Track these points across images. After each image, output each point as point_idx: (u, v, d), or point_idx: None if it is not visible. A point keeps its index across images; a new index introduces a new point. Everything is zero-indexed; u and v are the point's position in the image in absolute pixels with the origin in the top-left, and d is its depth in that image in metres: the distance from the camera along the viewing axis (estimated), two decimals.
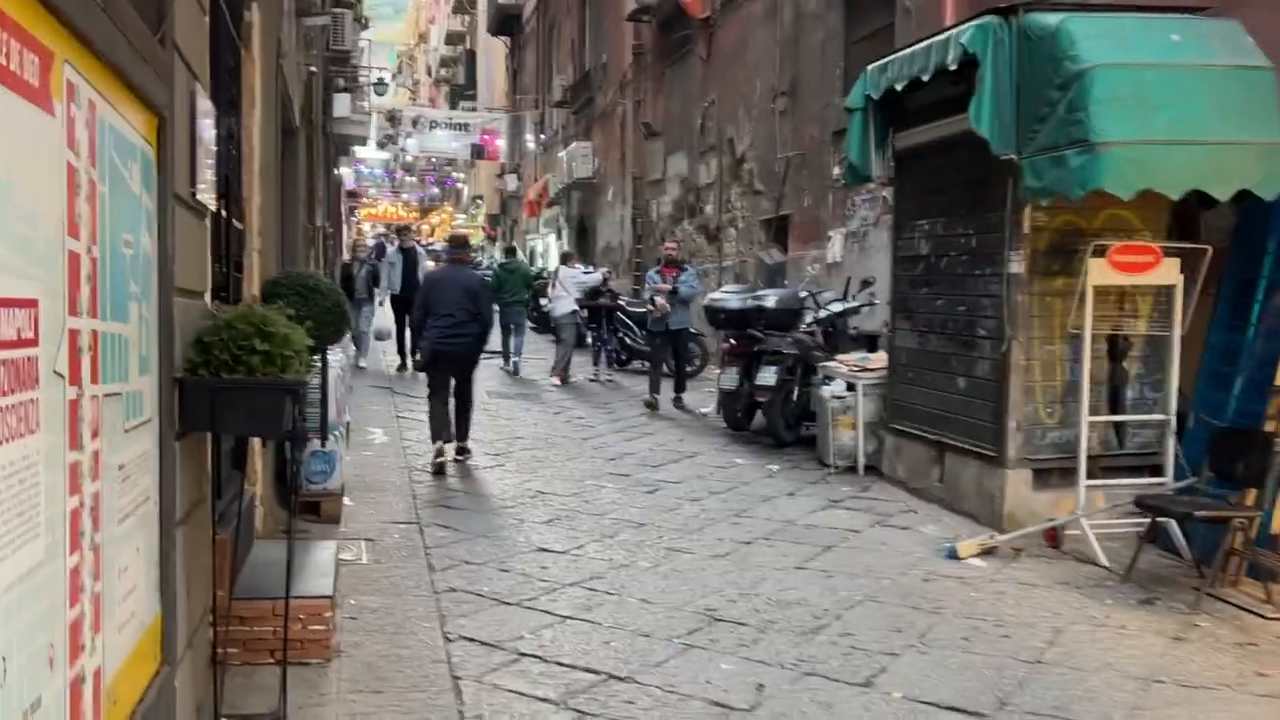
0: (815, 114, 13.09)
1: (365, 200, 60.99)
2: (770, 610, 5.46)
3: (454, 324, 9.00)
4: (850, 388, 8.92)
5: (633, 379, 14.71)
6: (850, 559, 6.45)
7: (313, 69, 10.74)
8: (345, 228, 43.14)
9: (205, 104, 3.83)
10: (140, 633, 2.85)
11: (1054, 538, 6.70)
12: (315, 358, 4.05)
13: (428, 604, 5.30)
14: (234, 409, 3.36)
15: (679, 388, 12.59)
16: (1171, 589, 5.92)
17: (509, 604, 5.43)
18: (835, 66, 12.58)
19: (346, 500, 7.21)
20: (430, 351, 9.12)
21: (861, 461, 8.83)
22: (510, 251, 19.91)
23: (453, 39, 55.86)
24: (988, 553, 6.58)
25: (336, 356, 7.40)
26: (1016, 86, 6.60)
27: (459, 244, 10.58)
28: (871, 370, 8.85)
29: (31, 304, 1.94)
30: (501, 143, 34.56)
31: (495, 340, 12.06)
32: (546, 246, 32.23)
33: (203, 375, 3.37)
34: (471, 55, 51.53)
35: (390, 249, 16.14)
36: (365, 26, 35.57)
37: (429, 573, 5.83)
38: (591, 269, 20.09)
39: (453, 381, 9.17)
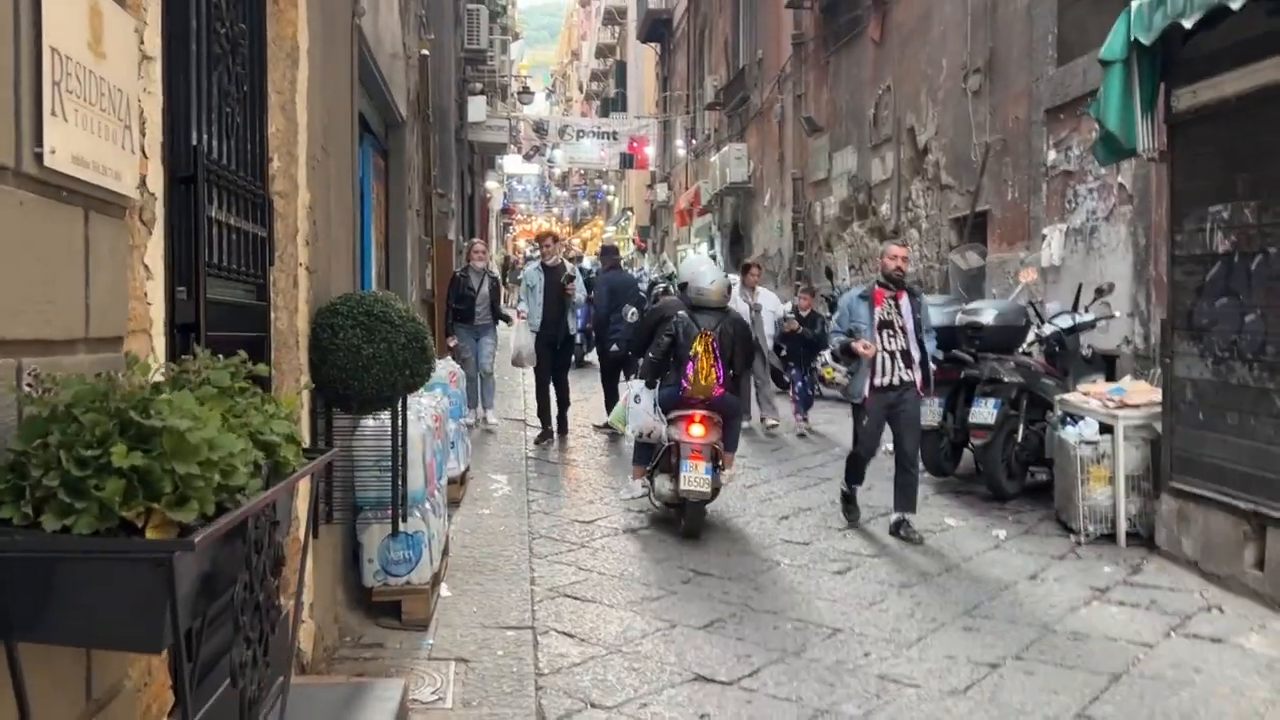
0: (1020, 91, 10.87)
1: (519, 217, 60.66)
2: None
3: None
4: (1105, 429, 6.77)
5: (820, 414, 12.02)
6: (1156, 699, 4.37)
7: (425, 52, 9.19)
8: (497, 244, 42.20)
9: None
10: None
11: None
12: (299, 458, 2.28)
13: None
14: (58, 600, 1.63)
15: (903, 505, 7.11)
16: None
17: None
18: (1047, 33, 10.35)
19: (444, 589, 5.51)
20: (625, 343, 10.16)
21: (1123, 528, 6.66)
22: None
23: (603, 52, 55.02)
24: None
25: (432, 403, 5.71)
26: None
27: (614, 251, 12.57)
28: (1134, 406, 6.68)
29: None
30: (651, 150, 33.04)
31: None
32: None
33: (10, 519, 1.65)
34: (621, 66, 50.53)
35: (529, 267, 11.85)
36: (515, 38, 34.69)
37: None
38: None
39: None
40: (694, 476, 6.80)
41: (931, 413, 8.40)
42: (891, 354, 6.99)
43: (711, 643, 5.04)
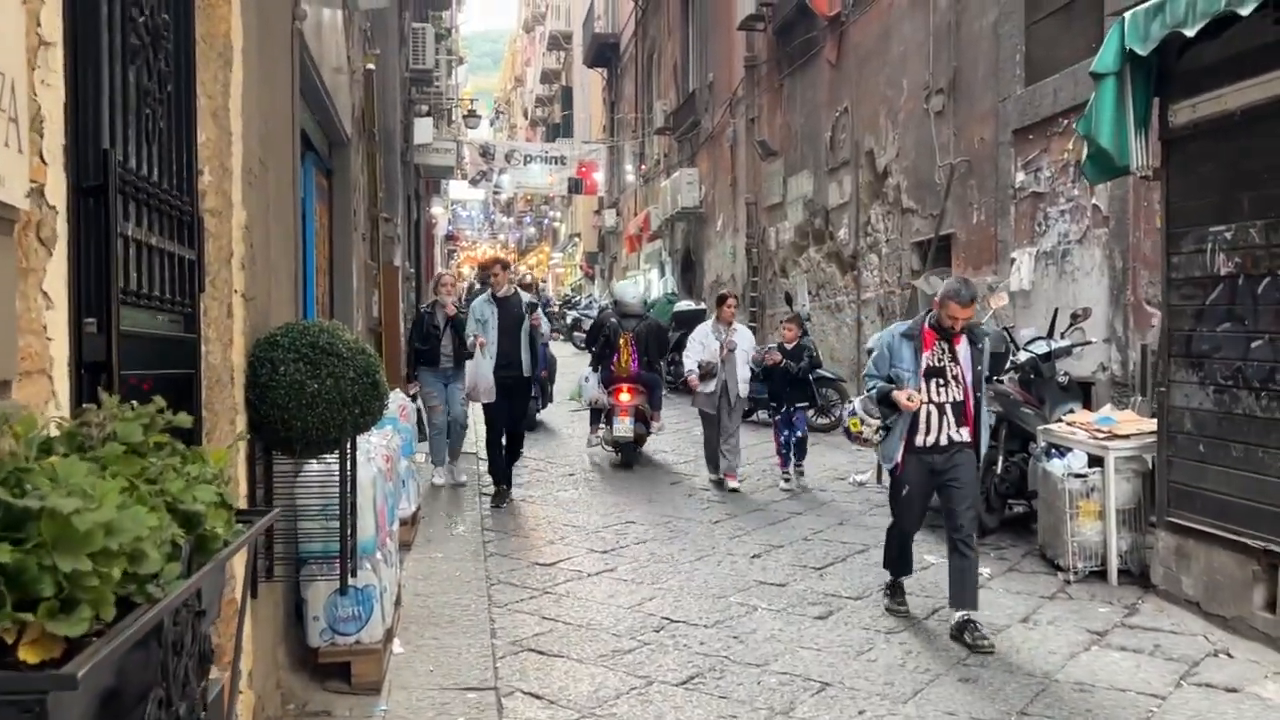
0: (986, 111, 10.66)
1: (464, 244, 60.02)
2: None
3: None
4: (1094, 461, 6.46)
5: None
6: None
7: (370, 66, 8.74)
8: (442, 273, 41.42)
9: None
10: None
11: None
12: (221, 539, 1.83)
13: None
14: None
15: (963, 600, 5.55)
16: None
17: None
18: (1014, 52, 10.13)
19: (397, 645, 5.02)
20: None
21: (1114, 565, 6.35)
22: (674, 296, 21.48)
23: (548, 77, 54.68)
24: None
25: (382, 441, 5.24)
26: None
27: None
28: (1124, 437, 6.38)
29: None
30: (600, 176, 32.71)
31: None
32: (648, 283, 30.01)
33: None
34: (567, 92, 50.24)
35: (479, 299, 9.60)
36: (461, 61, 34.31)
37: None
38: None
39: None
40: (622, 426, 10.37)
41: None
42: (940, 406, 5.60)
43: (692, 702, 4.61)
